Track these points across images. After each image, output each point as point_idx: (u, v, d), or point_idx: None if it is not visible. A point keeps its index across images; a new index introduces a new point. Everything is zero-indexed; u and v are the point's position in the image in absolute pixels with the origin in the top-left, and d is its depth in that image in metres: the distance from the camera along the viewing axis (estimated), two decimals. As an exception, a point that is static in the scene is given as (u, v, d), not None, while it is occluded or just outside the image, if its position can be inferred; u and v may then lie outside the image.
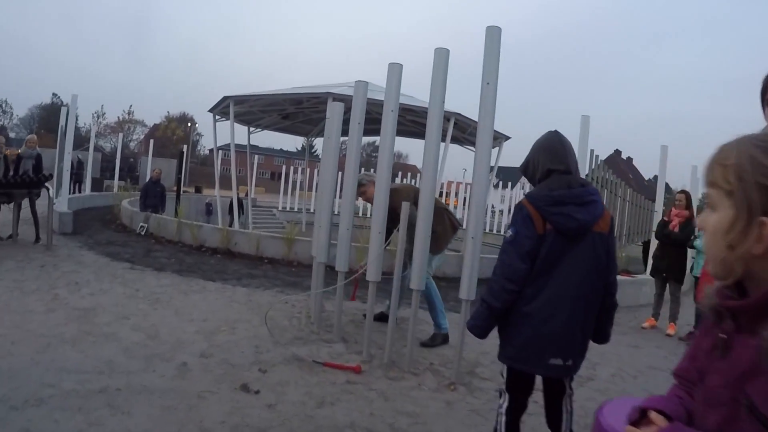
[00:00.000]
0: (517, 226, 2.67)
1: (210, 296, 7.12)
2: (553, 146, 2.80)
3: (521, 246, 2.63)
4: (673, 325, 7.76)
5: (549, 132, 2.89)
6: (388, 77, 4.68)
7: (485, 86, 4.15)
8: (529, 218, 2.64)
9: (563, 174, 2.75)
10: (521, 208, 2.70)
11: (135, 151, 65.48)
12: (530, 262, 2.64)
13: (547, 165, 2.77)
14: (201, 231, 11.68)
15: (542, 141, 2.86)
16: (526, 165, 2.91)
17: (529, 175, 2.90)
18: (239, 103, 16.33)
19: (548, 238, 2.63)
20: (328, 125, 5.46)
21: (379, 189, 4.62)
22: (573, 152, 2.84)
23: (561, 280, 2.65)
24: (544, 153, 2.80)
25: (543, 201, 2.66)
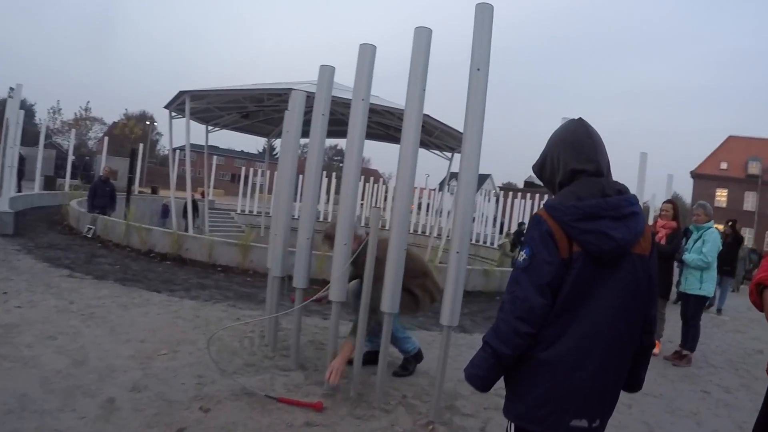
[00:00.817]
0: (534, 248, 1.97)
1: (153, 311, 6.31)
2: (579, 139, 2.11)
3: (539, 274, 1.94)
4: (658, 343, 7.31)
5: (571, 121, 2.19)
6: (359, 60, 3.98)
7: (475, 73, 3.48)
8: (550, 237, 1.96)
9: (592, 176, 2.07)
10: (539, 222, 2.00)
11: (93, 150, 63.45)
12: (551, 295, 1.95)
13: (572, 164, 2.08)
14: (150, 235, 10.81)
15: (563, 132, 2.16)
16: (542, 164, 2.22)
17: (546, 178, 2.21)
18: (196, 99, 15.44)
19: (575, 264, 1.95)
20: (288, 117, 4.73)
21: (347, 189, 3.90)
22: (604, 147, 2.16)
23: (591, 319, 1.96)
24: (566, 148, 2.11)
25: (569, 214, 1.96)
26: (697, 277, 6.81)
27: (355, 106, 3.87)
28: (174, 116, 17.03)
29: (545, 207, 2.05)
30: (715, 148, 63.71)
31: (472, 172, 3.42)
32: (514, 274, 2.04)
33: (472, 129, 3.44)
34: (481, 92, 3.44)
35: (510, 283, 2.04)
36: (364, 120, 3.90)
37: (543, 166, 2.22)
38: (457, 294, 3.46)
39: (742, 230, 37.60)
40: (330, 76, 4.37)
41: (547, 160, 2.19)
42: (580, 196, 2.00)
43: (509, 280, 2.05)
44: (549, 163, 2.18)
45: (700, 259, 6.73)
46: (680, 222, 7.46)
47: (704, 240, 6.85)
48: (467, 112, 3.45)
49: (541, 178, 2.27)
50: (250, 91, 15.04)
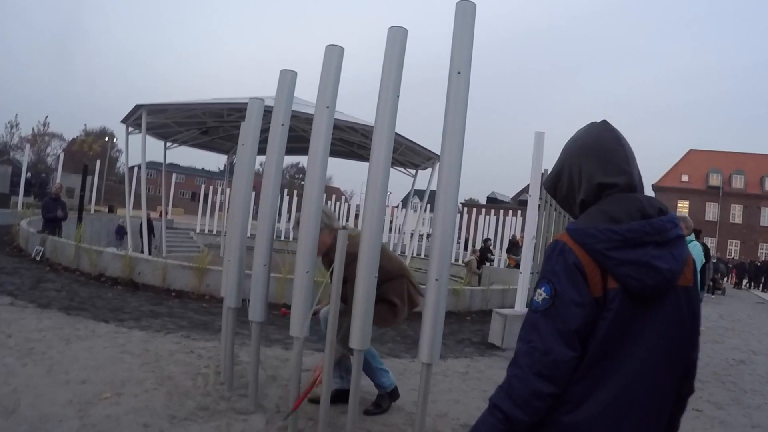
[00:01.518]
0: (558, 285, 1.52)
1: (98, 344, 5.69)
2: (606, 146, 1.67)
3: (565, 319, 1.49)
4: None
5: (593, 124, 1.76)
6: (325, 63, 3.50)
7: (455, 77, 3.06)
8: (578, 271, 1.51)
9: (624, 191, 1.64)
10: (563, 252, 1.56)
11: (51, 167, 61.57)
12: (580, 346, 1.52)
13: (598, 177, 1.64)
14: (101, 257, 10.11)
15: (585, 138, 1.72)
16: (556, 178, 1.77)
17: (562, 195, 1.77)
18: (153, 114, 14.81)
19: (612, 304, 1.50)
20: (244, 128, 4.24)
21: (307, 212, 3.41)
22: (634, 155, 1.73)
23: (629, 370, 1.51)
24: (590, 158, 1.67)
25: (605, 240, 1.52)
26: None
27: (320, 114, 3.41)
28: (131, 131, 16.36)
29: (570, 232, 1.59)
30: (677, 162, 65.60)
31: (453, 187, 2.97)
32: (530, 318, 1.58)
33: (452, 139, 3.00)
34: (462, 98, 3.01)
35: (525, 329, 1.58)
36: (329, 130, 3.44)
37: (558, 180, 1.77)
38: (437, 327, 3.00)
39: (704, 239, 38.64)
40: (291, 81, 3.91)
41: (563, 174, 1.74)
42: (614, 217, 1.56)
43: (524, 326, 1.59)
44: (567, 177, 1.73)
45: None
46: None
47: None
48: (446, 120, 3.02)
49: (554, 195, 1.82)
50: (209, 106, 14.48)
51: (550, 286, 1.54)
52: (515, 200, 71.50)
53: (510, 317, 7.50)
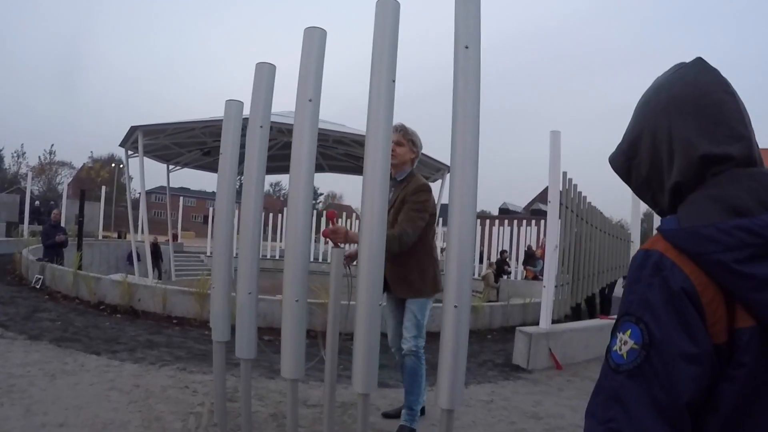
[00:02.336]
0: (655, 325, 0.92)
1: (85, 380, 5.17)
2: (712, 97, 1.05)
3: (669, 385, 0.89)
4: None
5: (683, 66, 1.12)
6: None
7: (463, 52, 2.49)
8: (689, 300, 0.91)
9: (740, 166, 1.02)
10: (661, 267, 0.94)
11: (63, 195, 61.85)
12: (690, 421, 0.91)
13: (702, 146, 1.02)
14: (99, 284, 9.66)
15: (676, 87, 1.09)
16: (631, 151, 1.16)
17: (642, 175, 1.15)
18: (150, 135, 14.37)
19: (745, 356, 0.89)
20: (224, 135, 3.69)
21: (294, 228, 2.82)
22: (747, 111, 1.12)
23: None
24: (686, 116, 1.05)
25: (732, 247, 0.89)
26: None
27: (301, 110, 2.84)
28: (130, 155, 15.94)
29: (670, 234, 0.99)
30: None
31: (470, 194, 2.38)
32: (609, 382, 0.97)
33: (465, 132, 2.42)
34: (473, 75, 2.43)
35: (600, 400, 0.97)
36: (314, 130, 2.88)
37: (633, 155, 1.15)
38: (458, 364, 2.40)
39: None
40: (269, 76, 3.35)
41: (642, 145, 1.13)
42: (738, 208, 0.95)
43: (597, 394, 0.99)
44: (648, 150, 1.11)
45: None
46: None
47: None
48: (456, 108, 2.44)
49: (627, 178, 1.19)
50: (206, 123, 14.00)
51: (640, 328, 0.93)
52: (527, 210, 70.57)
53: (535, 336, 6.85)
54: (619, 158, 1.20)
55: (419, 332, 4.07)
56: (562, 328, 7.42)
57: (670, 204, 1.10)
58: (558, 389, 6.06)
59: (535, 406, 5.43)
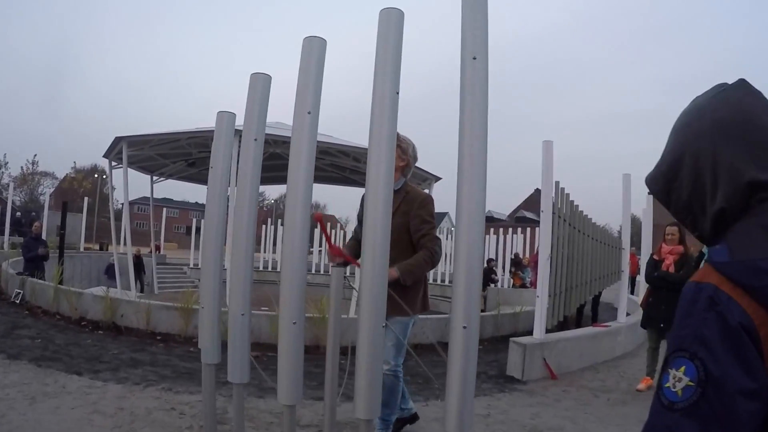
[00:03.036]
0: (711, 361, 0.85)
1: (66, 402, 4.97)
2: (758, 121, 0.98)
3: (727, 423, 0.82)
4: (649, 380, 6.58)
5: (725, 88, 1.05)
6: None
7: (470, 62, 2.37)
8: (747, 336, 0.84)
9: None
10: (716, 302, 0.87)
11: (45, 206, 61.15)
12: None
13: (749, 171, 0.95)
14: (81, 300, 9.42)
15: (721, 110, 1.02)
16: (671, 174, 1.08)
17: (680, 200, 1.07)
18: (135, 146, 14.14)
19: None
20: (215, 148, 3.55)
21: (291, 242, 2.67)
22: None
23: None
24: (732, 140, 0.98)
25: None
26: None
27: (299, 123, 2.71)
28: (114, 166, 15.69)
29: (725, 267, 0.92)
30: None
31: (479, 210, 2.26)
32: (663, 421, 0.89)
33: (473, 146, 2.30)
34: (480, 86, 2.32)
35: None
36: (312, 143, 2.74)
37: (673, 178, 1.07)
38: (466, 391, 2.27)
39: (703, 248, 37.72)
40: (264, 86, 3.21)
41: (683, 168, 1.05)
42: None
43: (649, 430, 0.92)
44: (690, 173, 1.03)
45: None
46: (687, 245, 6.63)
47: None
48: (463, 119, 2.32)
49: (666, 201, 1.12)
50: (191, 134, 13.81)
51: (695, 364, 0.87)
52: (512, 218, 70.83)
53: (530, 346, 6.75)
54: (658, 180, 1.13)
55: (399, 352, 3.98)
56: (556, 338, 7.34)
57: (713, 230, 1.04)
58: (555, 400, 5.97)
59: (534, 418, 5.32)
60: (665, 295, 6.39)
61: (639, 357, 8.24)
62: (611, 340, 8.54)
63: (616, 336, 8.69)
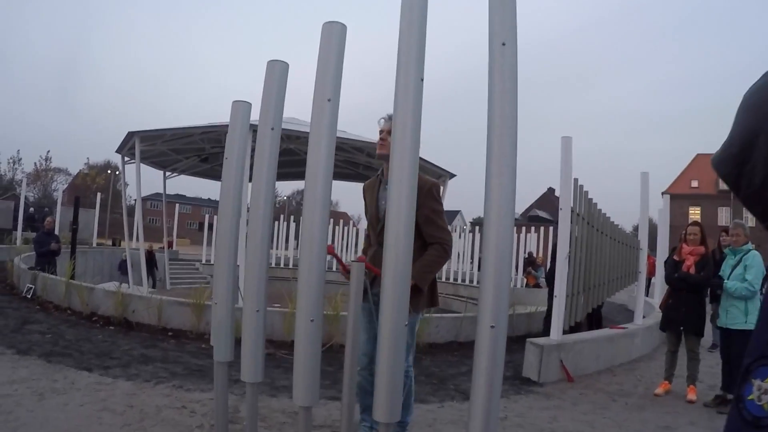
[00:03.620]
0: None
1: (75, 399, 4.88)
2: None
3: None
4: (694, 388, 6.29)
5: None
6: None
7: (499, 49, 2.25)
8: None
9: None
10: None
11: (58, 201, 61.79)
12: None
13: None
14: (92, 295, 9.35)
15: None
16: (744, 155, 0.93)
17: (753, 184, 0.89)
18: (148, 141, 14.10)
19: None
20: (229, 139, 3.45)
21: (309, 240, 2.56)
22: None
23: None
24: None
25: None
26: (741, 308, 5.85)
27: (319, 111, 2.59)
28: (127, 161, 15.69)
29: None
30: (685, 167, 64.50)
31: (508, 203, 2.14)
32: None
33: (503, 136, 2.18)
34: (509, 72, 2.20)
35: None
36: (332, 131, 2.63)
37: (746, 160, 0.94)
38: (493, 394, 2.15)
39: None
40: (281, 74, 3.11)
41: (755, 150, 0.87)
42: None
43: None
44: (763, 155, 0.89)
45: (744, 288, 5.80)
46: (708, 246, 6.47)
47: (746, 265, 5.94)
48: (492, 107, 2.20)
49: (736, 185, 0.98)
50: (204, 128, 13.74)
51: None
52: (525, 216, 70.46)
53: (547, 347, 6.60)
54: (728, 163, 0.97)
55: (409, 351, 3.74)
56: (573, 339, 7.19)
57: None
58: (572, 403, 5.83)
59: (552, 422, 5.19)
60: (685, 296, 6.25)
61: (656, 360, 8.09)
62: (628, 342, 8.37)
63: (633, 338, 8.52)
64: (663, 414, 5.67)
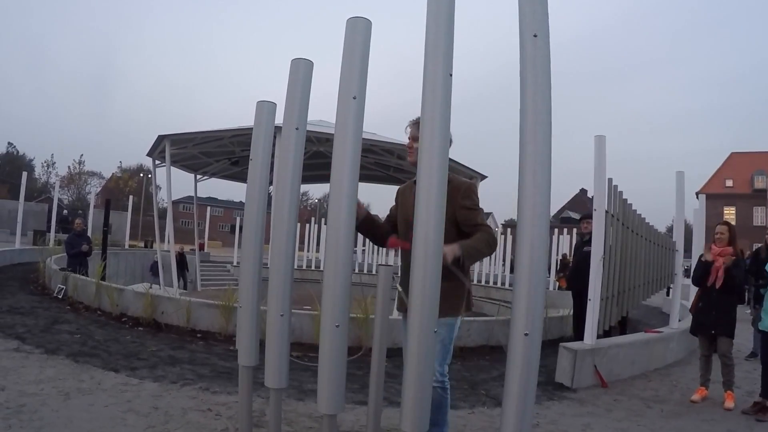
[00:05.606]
0: None
1: (100, 400, 4.85)
2: None
3: None
4: (731, 394, 6.06)
5: None
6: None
7: (531, 41, 2.15)
8: None
9: None
10: None
11: (91, 204, 63.17)
12: None
13: None
14: (122, 296, 9.42)
15: None
16: None
17: None
18: (178, 144, 14.21)
19: None
20: (255, 140, 3.39)
21: (334, 242, 2.47)
22: None
23: None
24: None
25: None
26: None
27: (344, 109, 2.51)
28: (158, 164, 15.82)
29: None
30: (719, 166, 63.19)
31: (543, 202, 2.02)
32: None
33: (536, 131, 2.07)
34: (542, 66, 2.09)
35: None
36: (358, 131, 2.54)
37: None
38: (526, 405, 2.04)
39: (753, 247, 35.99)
40: (306, 72, 3.03)
41: None
42: None
43: None
44: None
45: None
46: (738, 246, 6.24)
47: None
48: (522, 100, 2.09)
49: None
50: (235, 131, 13.78)
51: None
52: (557, 218, 69.71)
53: (580, 352, 6.41)
54: None
55: (445, 358, 3.58)
56: (608, 344, 6.98)
57: None
58: (606, 410, 5.65)
59: (585, 429, 5.03)
60: (716, 298, 6.06)
61: (692, 365, 7.84)
62: (663, 346, 8.14)
63: (668, 342, 8.28)
64: (700, 422, 5.47)
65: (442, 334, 3.39)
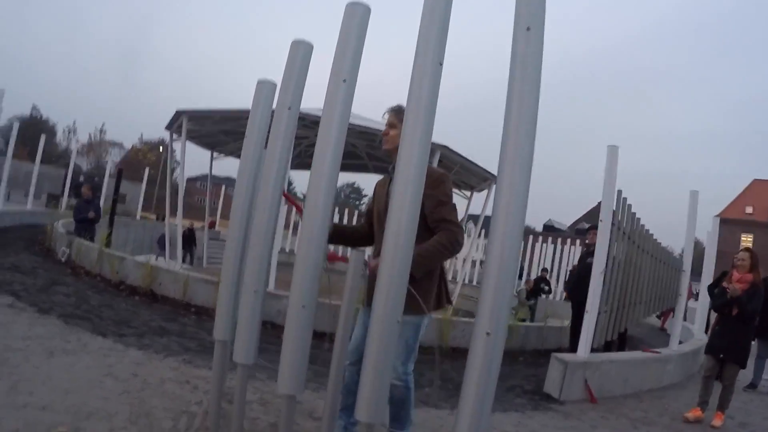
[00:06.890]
0: None
1: (83, 361, 4.89)
2: None
3: None
4: (721, 415, 6.09)
5: None
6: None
7: (523, 34, 2.09)
8: None
9: None
10: None
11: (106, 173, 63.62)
12: None
13: None
14: (123, 264, 9.48)
15: None
16: None
17: None
18: (195, 120, 14.23)
19: None
20: (251, 117, 3.36)
21: (308, 231, 2.43)
22: None
23: None
24: None
25: None
26: None
27: (333, 90, 2.47)
28: (175, 138, 15.89)
29: None
30: (740, 192, 62.42)
31: (518, 203, 1.96)
32: None
33: (519, 129, 2.01)
34: (533, 59, 2.03)
35: None
36: (345, 114, 2.50)
37: None
38: (483, 408, 1.98)
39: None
40: (304, 55, 2.99)
41: None
42: None
43: None
44: None
45: None
46: (759, 274, 6.17)
47: None
48: (509, 93, 2.04)
49: None
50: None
51: None
52: (572, 229, 69.27)
53: (572, 364, 6.32)
54: None
55: (409, 356, 3.42)
56: (601, 358, 6.88)
57: None
58: (591, 426, 5.56)
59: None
60: (732, 325, 6.06)
61: (688, 390, 7.73)
62: (660, 367, 8.01)
63: (665, 364, 8.15)
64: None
65: (406, 332, 3.27)
